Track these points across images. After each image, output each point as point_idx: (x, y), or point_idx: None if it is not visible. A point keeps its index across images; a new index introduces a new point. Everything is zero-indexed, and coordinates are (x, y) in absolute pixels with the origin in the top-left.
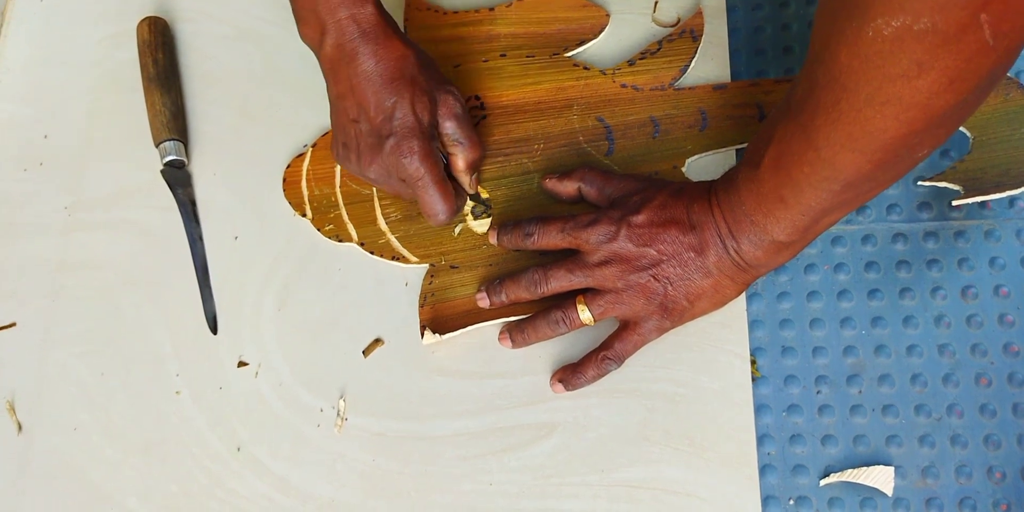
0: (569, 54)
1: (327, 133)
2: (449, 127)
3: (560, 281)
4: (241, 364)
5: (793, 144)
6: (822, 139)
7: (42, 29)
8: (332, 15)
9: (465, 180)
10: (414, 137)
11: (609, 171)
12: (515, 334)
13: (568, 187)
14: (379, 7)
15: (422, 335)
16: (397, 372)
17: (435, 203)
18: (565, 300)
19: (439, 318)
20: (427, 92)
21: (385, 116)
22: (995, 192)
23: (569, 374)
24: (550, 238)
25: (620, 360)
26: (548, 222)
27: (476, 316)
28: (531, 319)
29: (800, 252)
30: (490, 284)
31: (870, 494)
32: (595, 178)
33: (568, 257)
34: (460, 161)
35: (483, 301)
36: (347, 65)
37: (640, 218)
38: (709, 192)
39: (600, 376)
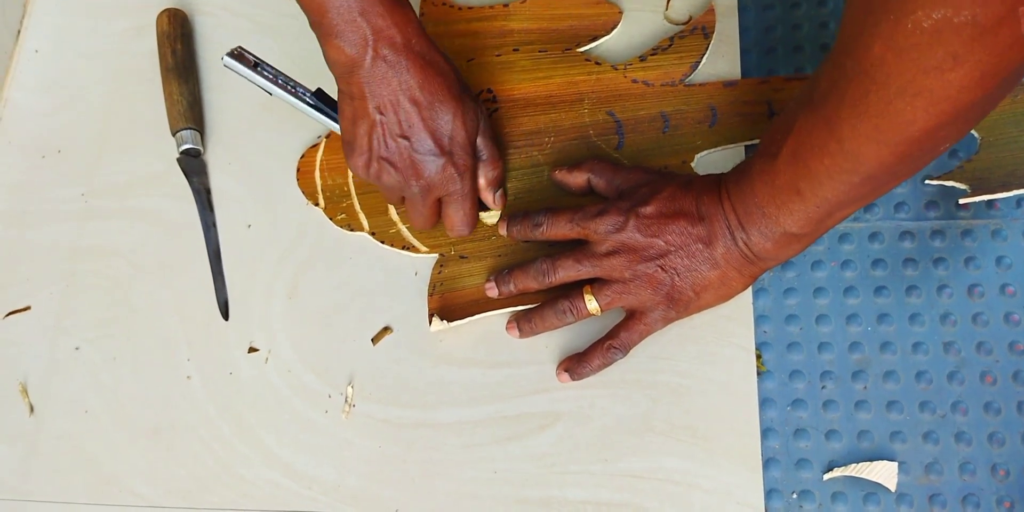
0: (581, 50)
1: None
2: (478, 143)
3: (568, 271)
4: (251, 350)
5: (814, 136)
6: (847, 131)
7: (62, 20)
8: (374, 23)
9: (488, 197)
10: (467, 154)
11: (618, 163)
12: (522, 323)
13: (578, 178)
14: (414, 15)
15: (430, 322)
16: (405, 360)
17: (463, 218)
18: (572, 290)
19: (448, 307)
20: (472, 109)
21: (441, 133)
22: (1001, 191)
23: (575, 363)
24: (559, 228)
25: (626, 349)
26: (557, 212)
27: (484, 305)
28: (538, 309)
29: (808, 247)
30: (499, 274)
31: (873, 489)
32: (604, 169)
33: (576, 247)
34: (482, 178)
35: (491, 290)
36: (392, 78)
37: (649, 209)
38: (719, 184)
39: (605, 365)
